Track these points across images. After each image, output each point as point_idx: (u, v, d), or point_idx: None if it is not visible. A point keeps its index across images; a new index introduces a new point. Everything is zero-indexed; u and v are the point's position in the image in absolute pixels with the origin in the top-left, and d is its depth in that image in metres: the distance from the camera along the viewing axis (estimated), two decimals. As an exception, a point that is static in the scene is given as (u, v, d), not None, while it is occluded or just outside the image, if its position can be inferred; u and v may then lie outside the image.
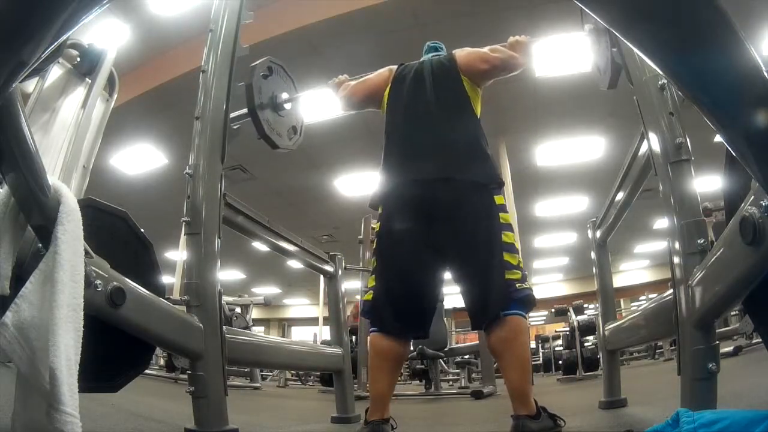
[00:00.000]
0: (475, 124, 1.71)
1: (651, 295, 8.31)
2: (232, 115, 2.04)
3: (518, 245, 1.65)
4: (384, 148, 1.75)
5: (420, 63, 1.88)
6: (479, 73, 1.78)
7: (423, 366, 5.33)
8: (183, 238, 2.09)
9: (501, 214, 1.58)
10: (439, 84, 1.75)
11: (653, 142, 1.55)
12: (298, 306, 17.20)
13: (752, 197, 0.92)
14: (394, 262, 1.62)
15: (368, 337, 1.66)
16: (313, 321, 13.05)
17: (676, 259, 1.42)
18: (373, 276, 1.66)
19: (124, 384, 1.38)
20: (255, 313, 9.16)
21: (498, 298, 1.49)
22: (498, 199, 1.60)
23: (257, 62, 2.24)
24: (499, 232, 1.55)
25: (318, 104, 5.65)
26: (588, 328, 6.17)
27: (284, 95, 2.33)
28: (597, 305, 2.85)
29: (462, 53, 1.82)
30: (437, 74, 1.77)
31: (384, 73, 1.90)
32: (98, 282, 1.17)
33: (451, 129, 1.66)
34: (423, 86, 1.75)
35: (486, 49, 1.82)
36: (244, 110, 2.13)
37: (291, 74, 2.50)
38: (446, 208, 1.55)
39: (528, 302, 1.53)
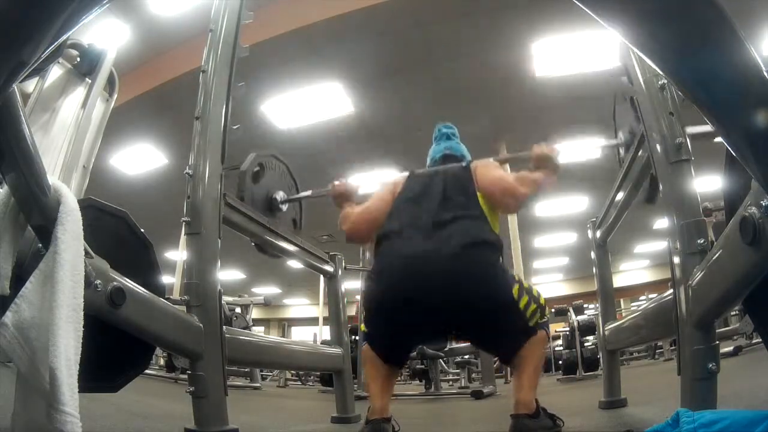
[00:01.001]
0: (493, 241, 1.52)
1: (651, 295, 8.31)
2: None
3: (532, 288, 1.59)
4: (374, 260, 1.60)
5: (431, 174, 1.72)
6: (502, 206, 1.65)
7: (423, 366, 5.34)
8: (183, 238, 2.09)
9: (520, 303, 1.50)
10: (452, 209, 1.55)
11: (653, 142, 1.55)
12: (298, 306, 17.20)
13: (752, 197, 0.92)
14: (386, 333, 1.58)
15: (363, 347, 1.67)
16: (313, 321, 13.04)
17: (676, 259, 1.42)
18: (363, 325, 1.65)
19: (124, 384, 1.38)
20: (255, 313, 9.16)
21: (527, 339, 1.52)
22: (515, 292, 1.50)
23: (245, 163, 2.09)
24: (522, 315, 1.50)
25: (319, 104, 5.68)
26: (588, 328, 6.17)
27: (280, 195, 2.25)
28: (597, 305, 2.85)
29: (485, 175, 1.64)
30: (450, 193, 1.60)
31: (388, 192, 1.74)
32: (98, 282, 1.17)
33: (460, 245, 1.46)
34: (431, 200, 1.59)
35: (512, 177, 1.65)
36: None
37: (283, 160, 2.38)
38: (457, 320, 1.51)
39: (547, 323, 1.60)
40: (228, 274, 11.68)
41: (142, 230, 1.45)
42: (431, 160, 1.94)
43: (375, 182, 1.88)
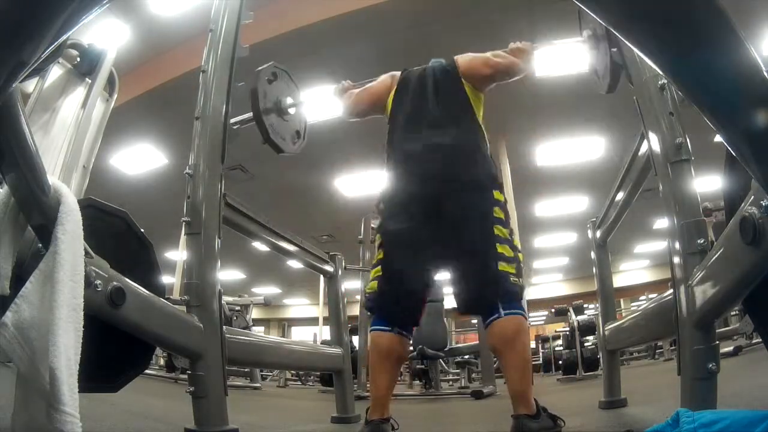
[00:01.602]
0: (476, 129, 1.74)
1: (651, 295, 8.31)
2: (236, 119, 2.04)
3: (517, 241, 1.66)
4: (386, 152, 1.79)
5: (423, 69, 1.90)
6: (481, 78, 1.81)
7: (423, 366, 5.34)
8: (183, 238, 2.09)
9: (495, 209, 1.60)
10: (441, 89, 1.78)
11: (653, 142, 1.55)
12: (298, 306, 17.20)
13: (752, 197, 0.92)
14: (397, 257, 1.65)
15: (369, 336, 1.69)
16: (313, 321, 13.04)
17: (676, 259, 1.42)
18: (378, 267, 1.68)
19: (124, 384, 1.38)
20: (255, 313, 9.17)
21: (491, 289, 1.52)
22: (496, 195, 1.63)
23: (262, 67, 2.24)
24: (492, 225, 1.57)
25: (319, 104, 5.68)
26: (588, 328, 6.17)
27: (289, 100, 2.34)
28: (597, 305, 2.85)
29: (464, 59, 1.85)
30: (439, 80, 1.81)
31: (386, 79, 1.93)
32: (98, 282, 1.17)
33: (452, 134, 1.69)
34: (425, 92, 1.78)
35: (488, 54, 1.84)
36: (248, 114, 2.13)
37: (295, 79, 2.49)
38: (445, 205, 1.59)
39: (518, 296, 1.55)
40: (228, 274, 11.68)
41: (142, 230, 1.45)
42: None
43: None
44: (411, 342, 2.23)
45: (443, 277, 1.81)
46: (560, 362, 6.50)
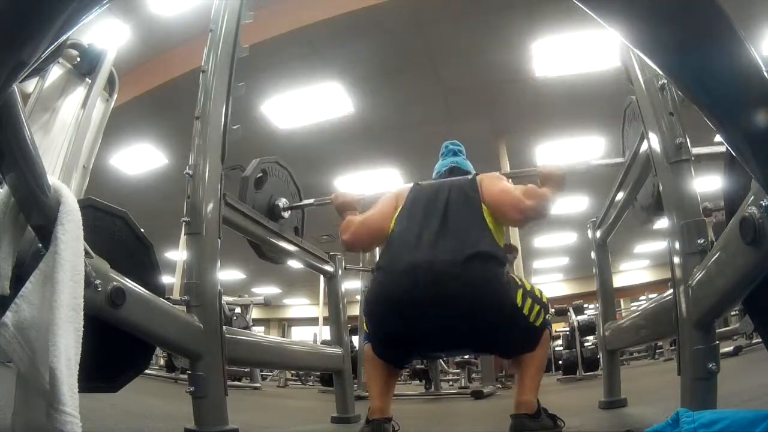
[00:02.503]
0: (493, 250, 1.48)
1: (651, 295, 8.31)
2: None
3: (538, 290, 1.60)
4: (383, 263, 1.55)
5: (436, 188, 1.68)
6: (507, 220, 1.64)
7: (423, 366, 5.34)
8: (183, 238, 2.08)
9: (524, 309, 1.48)
10: (455, 223, 1.53)
11: (653, 142, 1.55)
12: (298, 306, 17.20)
13: (752, 197, 0.92)
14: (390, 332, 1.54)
15: (364, 347, 1.67)
16: (313, 321, 13.05)
17: (676, 259, 1.41)
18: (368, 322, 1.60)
19: (124, 384, 1.38)
20: (255, 313, 9.16)
21: (534, 342, 1.53)
22: (519, 299, 1.48)
23: (248, 169, 2.08)
24: (524, 322, 1.48)
25: (318, 105, 5.68)
26: (588, 328, 6.17)
27: (283, 201, 2.23)
28: (597, 305, 2.85)
29: (491, 188, 1.62)
30: (454, 207, 1.57)
31: (391, 201, 1.71)
32: (98, 282, 1.17)
33: (461, 236, 1.48)
34: (434, 212, 1.57)
35: (519, 192, 1.61)
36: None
37: (287, 167, 2.36)
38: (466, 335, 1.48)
39: (549, 320, 1.60)
40: (228, 274, 11.68)
41: (142, 230, 1.45)
42: (437, 174, 1.94)
43: (377, 189, 1.82)
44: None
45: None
46: (560, 362, 6.50)
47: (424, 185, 1.73)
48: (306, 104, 5.64)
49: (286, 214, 2.27)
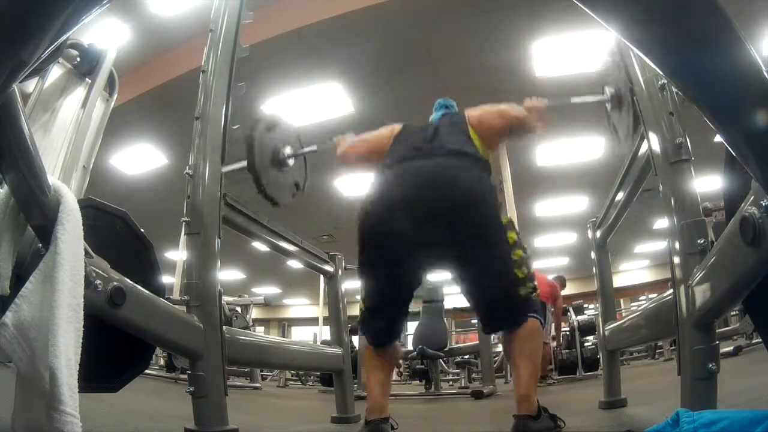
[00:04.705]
0: (481, 159, 1.59)
1: (651, 295, 8.31)
2: (228, 168, 1.94)
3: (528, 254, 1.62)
4: (375, 185, 1.64)
5: (427, 124, 1.80)
6: (494, 131, 1.70)
7: (423, 366, 5.34)
8: (183, 238, 2.08)
9: (509, 233, 1.55)
10: (444, 131, 1.65)
11: (653, 142, 1.55)
12: (298, 306, 17.19)
13: (752, 197, 0.92)
14: (382, 272, 1.60)
15: (362, 343, 1.71)
16: (313, 321, 13.03)
17: (676, 259, 1.42)
18: (365, 291, 1.64)
19: (124, 384, 1.38)
20: (255, 313, 9.16)
21: (514, 313, 1.51)
22: (504, 219, 1.57)
23: (261, 115, 2.16)
24: (509, 252, 1.52)
25: (318, 105, 5.68)
26: (588, 328, 6.17)
27: (287, 150, 2.24)
28: (597, 305, 2.85)
29: (475, 112, 1.73)
30: (444, 126, 1.69)
31: (385, 132, 1.83)
32: (98, 282, 1.17)
33: (452, 161, 1.56)
34: (425, 135, 1.66)
35: (502, 106, 1.73)
36: (242, 163, 2.01)
37: (295, 127, 2.40)
38: (449, 217, 1.49)
39: (539, 308, 1.58)
40: (228, 274, 11.67)
41: (142, 230, 1.45)
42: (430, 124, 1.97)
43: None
44: (408, 342, 2.21)
45: (443, 277, 1.80)
46: (560, 362, 6.49)
47: (415, 125, 1.83)
48: (306, 104, 5.64)
49: (290, 162, 2.27)
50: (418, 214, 1.47)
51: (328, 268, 2.82)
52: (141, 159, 6.57)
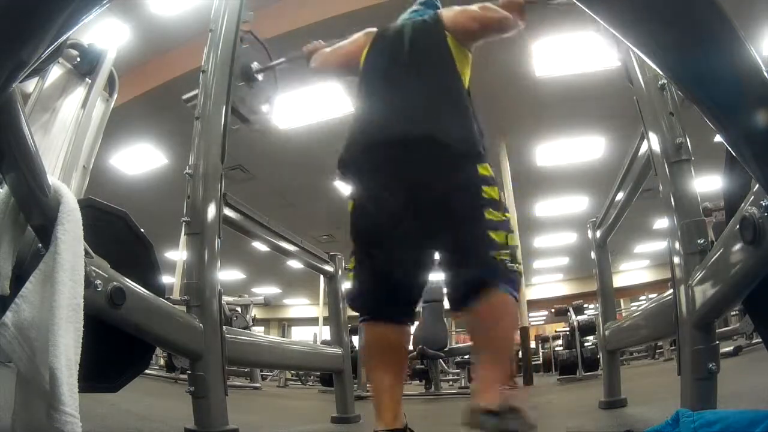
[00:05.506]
0: (458, 82, 1.48)
1: (651, 295, 8.31)
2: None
3: (515, 223, 1.58)
4: (354, 110, 1.60)
5: (401, 24, 1.69)
6: (469, 33, 1.59)
7: (423, 366, 5.34)
8: (183, 238, 2.08)
9: (484, 188, 1.29)
10: (419, 42, 1.55)
11: (653, 142, 1.55)
12: (298, 306, 17.19)
13: (752, 197, 0.92)
14: (374, 237, 1.39)
15: (360, 329, 1.44)
16: (313, 321, 13.03)
17: (676, 259, 1.42)
18: (353, 257, 1.45)
19: (124, 384, 1.38)
20: (255, 313, 9.16)
21: (483, 282, 1.22)
22: (482, 170, 1.31)
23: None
24: (482, 208, 1.26)
25: (318, 105, 5.68)
26: (588, 328, 6.17)
27: (255, 65, 2.20)
28: (597, 305, 2.85)
29: (450, 12, 1.62)
30: (418, 33, 1.58)
31: (360, 38, 1.72)
32: (98, 282, 1.17)
33: (429, 84, 1.46)
34: (401, 46, 1.55)
35: (476, 7, 1.62)
36: None
37: (264, 42, 2.35)
38: (424, 176, 1.31)
39: (517, 283, 1.26)
40: (228, 274, 11.67)
41: (142, 230, 1.45)
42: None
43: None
44: (411, 338, 2.04)
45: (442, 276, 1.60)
46: (560, 362, 6.50)
47: (390, 25, 1.73)
48: (306, 104, 5.64)
49: (259, 77, 2.24)
50: (391, 166, 1.33)
51: (328, 268, 2.82)
52: (141, 159, 6.57)
